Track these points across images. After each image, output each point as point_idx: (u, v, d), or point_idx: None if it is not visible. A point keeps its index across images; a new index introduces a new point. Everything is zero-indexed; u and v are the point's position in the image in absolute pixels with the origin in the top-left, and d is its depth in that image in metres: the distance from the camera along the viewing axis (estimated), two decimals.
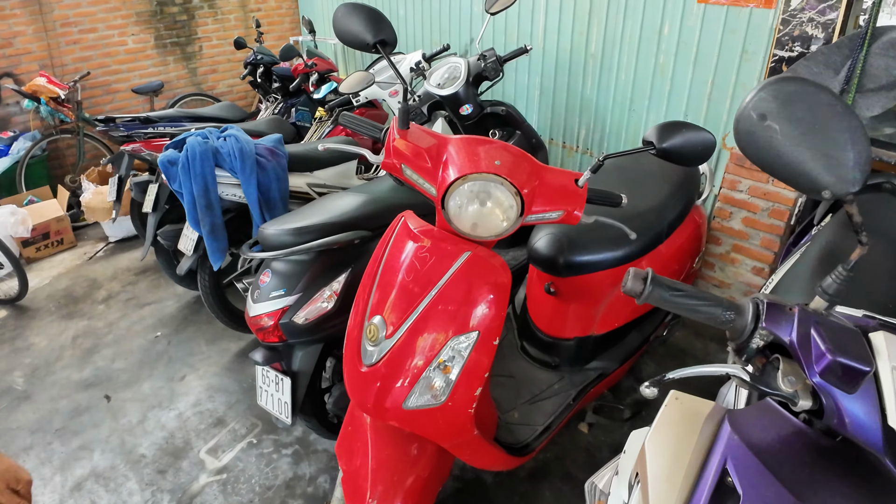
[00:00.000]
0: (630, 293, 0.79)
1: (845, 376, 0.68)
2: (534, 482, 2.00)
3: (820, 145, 0.78)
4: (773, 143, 0.81)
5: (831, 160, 0.78)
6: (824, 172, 0.78)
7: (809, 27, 2.40)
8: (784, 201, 2.48)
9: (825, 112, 0.78)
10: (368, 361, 1.24)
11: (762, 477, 0.72)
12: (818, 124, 0.78)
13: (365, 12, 1.30)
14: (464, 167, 1.15)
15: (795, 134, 0.79)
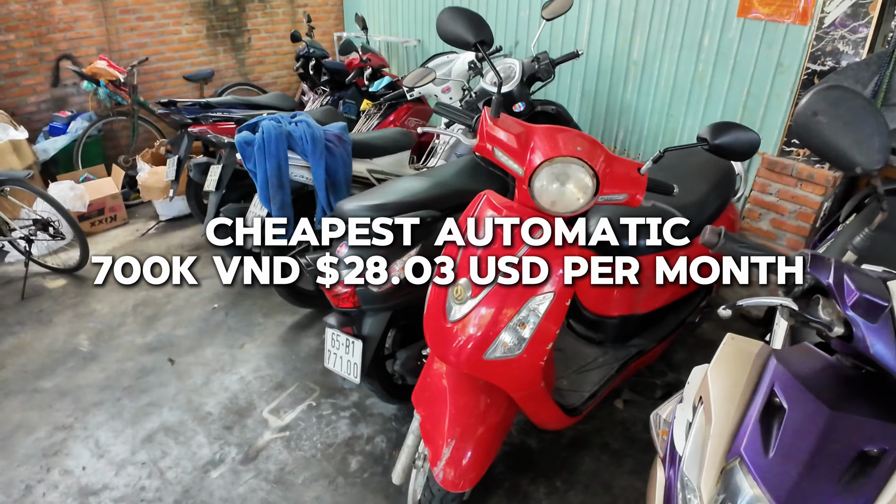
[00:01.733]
0: (707, 244, 1.00)
1: (869, 309, 0.91)
2: (574, 450, 2.18)
3: (854, 135, 1.08)
4: (821, 133, 1.11)
5: (862, 146, 1.08)
6: (857, 154, 1.09)
7: (841, 44, 2.55)
8: (811, 205, 2.65)
9: (860, 112, 1.09)
10: (453, 318, 1.42)
11: (803, 395, 0.93)
12: (854, 120, 1.08)
13: (468, 16, 1.49)
14: (550, 151, 1.34)
15: (838, 126, 1.09)
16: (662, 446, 1.15)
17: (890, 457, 0.91)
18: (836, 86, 1.12)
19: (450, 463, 1.47)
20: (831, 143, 1.09)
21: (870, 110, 1.09)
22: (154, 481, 2.11)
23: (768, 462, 0.93)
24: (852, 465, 0.92)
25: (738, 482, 0.95)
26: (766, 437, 0.96)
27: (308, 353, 2.74)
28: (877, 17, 2.42)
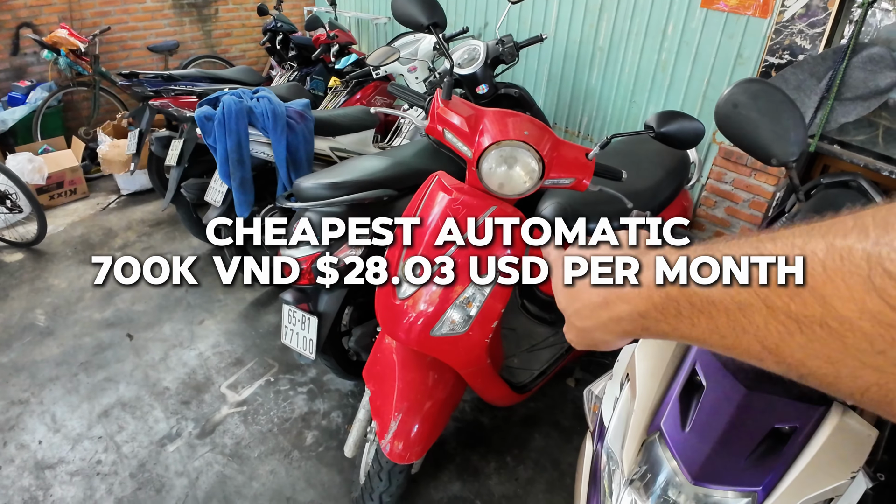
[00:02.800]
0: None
1: None
2: (526, 427, 2.24)
3: (773, 128, 1.12)
4: (741, 124, 1.14)
5: (779, 138, 1.11)
6: (774, 146, 1.12)
7: (799, 38, 2.62)
8: (763, 194, 2.73)
9: (778, 106, 1.12)
10: (402, 295, 1.45)
11: (721, 374, 0.98)
12: (773, 114, 1.12)
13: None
14: (498, 134, 1.37)
15: (757, 118, 1.12)
16: (593, 420, 1.20)
17: (800, 434, 0.97)
18: (756, 79, 1.15)
19: (397, 436, 1.51)
20: (750, 134, 1.13)
21: (788, 105, 1.12)
22: (110, 455, 2.12)
23: (685, 436, 0.99)
24: (764, 441, 0.97)
25: (657, 455, 1.01)
26: (685, 412, 1.01)
27: (267, 329, 2.75)
28: (835, 13, 2.48)
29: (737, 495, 0.94)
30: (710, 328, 0.37)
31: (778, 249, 0.33)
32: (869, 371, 0.28)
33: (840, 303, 0.28)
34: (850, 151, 2.61)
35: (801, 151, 1.12)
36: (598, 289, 0.47)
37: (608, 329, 0.48)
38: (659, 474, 0.99)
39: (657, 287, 0.41)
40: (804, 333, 0.30)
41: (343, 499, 1.98)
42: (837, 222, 0.31)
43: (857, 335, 0.28)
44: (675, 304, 0.39)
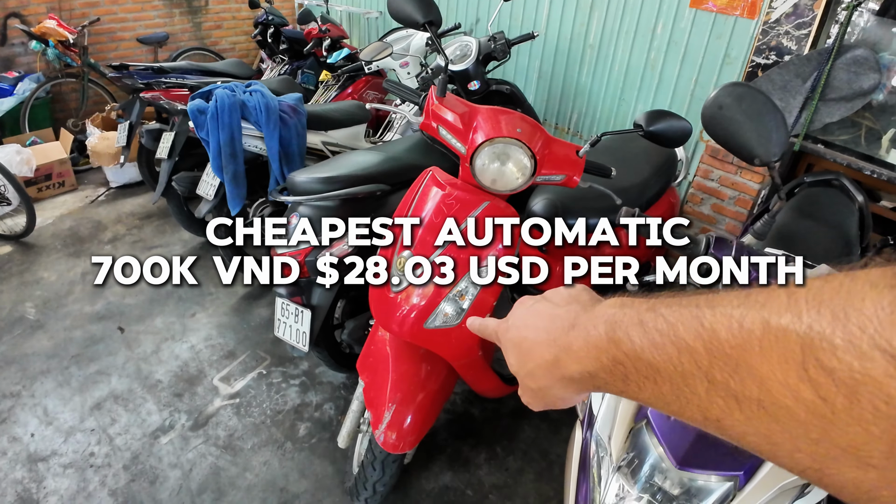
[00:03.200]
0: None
1: None
2: (515, 418, 2.28)
3: (756, 129, 1.16)
4: (726, 125, 1.19)
5: (762, 139, 1.16)
6: (757, 147, 1.16)
7: (785, 39, 2.67)
8: (749, 192, 2.78)
9: (761, 108, 1.17)
10: (397, 288, 1.48)
11: None
12: (756, 116, 1.16)
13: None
14: (491, 131, 1.40)
15: (741, 120, 1.17)
16: (583, 409, 1.24)
17: None
18: (741, 83, 1.19)
19: (390, 426, 1.54)
20: (734, 135, 1.17)
21: (770, 107, 1.16)
22: (103, 447, 2.13)
23: (671, 424, 1.03)
24: None
25: (644, 441, 1.05)
26: None
27: (259, 322, 2.77)
28: (820, 15, 2.53)
29: (719, 479, 0.98)
30: (656, 394, 0.37)
31: (717, 321, 0.32)
32: (803, 456, 0.28)
33: (776, 387, 0.28)
34: (834, 151, 2.67)
35: (782, 152, 1.16)
36: (550, 347, 0.48)
37: (563, 387, 0.48)
38: (646, 460, 1.03)
39: (605, 349, 0.41)
40: (743, 411, 0.31)
41: (336, 489, 2.01)
42: (773, 296, 0.30)
43: (792, 421, 0.28)
44: (623, 367, 0.39)
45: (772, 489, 0.97)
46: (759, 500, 0.97)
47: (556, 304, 0.52)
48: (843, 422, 0.26)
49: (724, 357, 0.31)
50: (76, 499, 1.95)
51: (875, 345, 0.24)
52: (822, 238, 1.90)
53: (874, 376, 0.24)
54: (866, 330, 0.25)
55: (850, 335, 0.25)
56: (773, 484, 0.96)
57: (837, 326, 0.26)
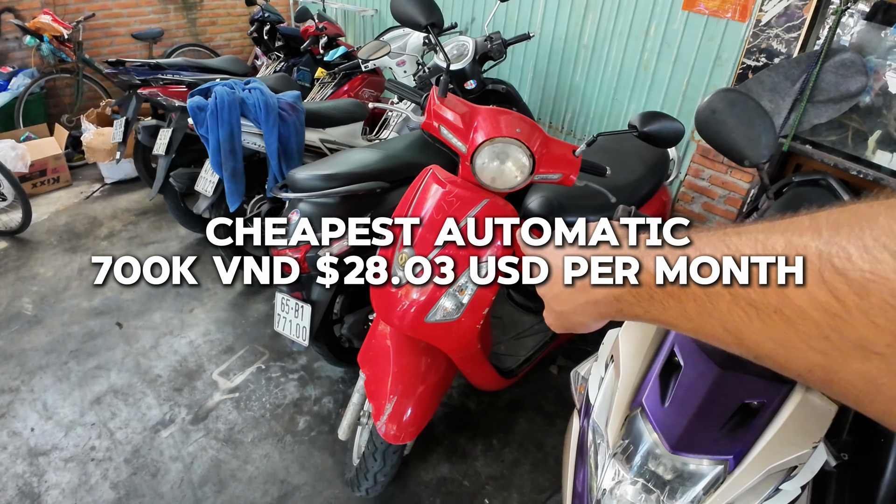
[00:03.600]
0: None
1: None
2: (510, 411, 2.33)
3: (746, 133, 1.22)
4: (718, 129, 1.25)
5: (752, 142, 1.22)
6: (747, 149, 1.23)
7: (775, 42, 2.73)
8: (738, 191, 2.85)
9: (752, 113, 1.23)
10: (398, 283, 1.52)
11: (697, 355, 1.07)
12: (747, 120, 1.22)
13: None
14: (491, 131, 1.44)
15: (732, 124, 1.23)
16: (580, 399, 1.28)
17: (768, 408, 1.07)
18: (733, 89, 1.25)
19: (391, 418, 1.58)
20: (726, 138, 1.23)
21: (760, 112, 1.22)
22: (104, 441, 2.16)
23: (664, 411, 1.08)
24: (735, 414, 1.07)
25: (639, 428, 1.10)
26: (665, 389, 1.10)
27: (257, 317, 2.79)
28: (810, 18, 2.59)
29: (711, 463, 1.04)
30: (679, 312, 0.41)
31: (742, 243, 0.37)
32: (815, 353, 0.32)
33: (794, 293, 0.32)
34: (822, 151, 2.73)
35: (770, 155, 1.21)
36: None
37: (585, 312, 0.52)
38: (641, 446, 1.08)
39: (632, 271, 0.45)
40: (762, 319, 0.34)
41: (336, 480, 2.04)
42: (795, 221, 0.35)
43: (807, 322, 0.31)
44: (649, 289, 0.43)
45: (761, 472, 1.02)
46: (749, 482, 1.02)
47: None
48: (854, 317, 0.29)
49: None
50: (78, 492, 1.98)
51: (886, 248, 0.28)
52: None
53: (883, 275, 0.28)
54: (878, 239, 0.29)
55: (863, 243, 0.29)
56: (762, 467, 1.02)
57: (853, 238, 0.30)
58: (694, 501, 1.04)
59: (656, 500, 1.06)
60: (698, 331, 0.40)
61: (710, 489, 1.04)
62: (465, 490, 2.05)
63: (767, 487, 1.05)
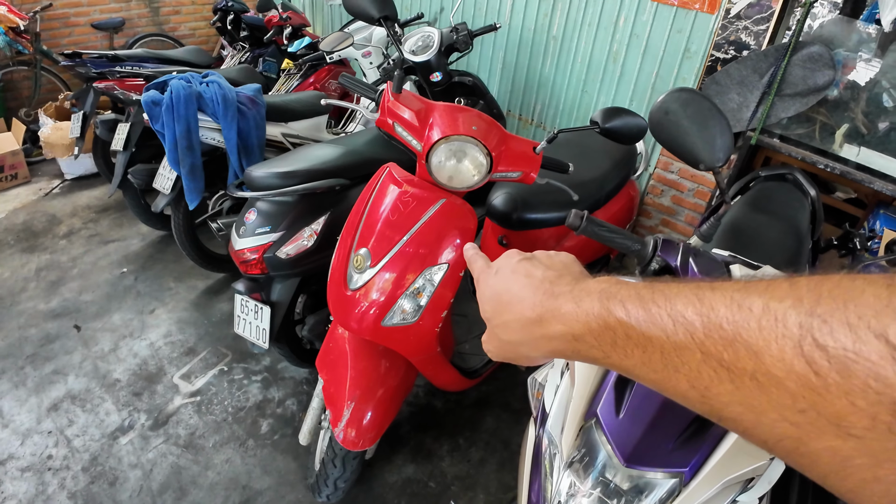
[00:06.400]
0: (571, 226, 1.06)
1: None
2: (478, 409, 2.30)
3: (700, 134, 1.17)
4: (671, 130, 1.20)
5: (707, 144, 1.17)
6: (702, 152, 1.17)
7: (744, 34, 2.71)
8: (707, 184, 2.84)
9: (706, 114, 1.17)
10: (354, 286, 1.47)
11: None
12: (701, 121, 1.16)
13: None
14: (447, 129, 1.39)
15: (686, 126, 1.18)
16: (537, 406, 1.25)
17: None
18: (687, 89, 1.20)
19: (350, 423, 1.54)
20: (679, 139, 1.18)
21: (715, 113, 1.18)
22: (61, 449, 2.09)
23: (619, 422, 1.05)
24: (690, 425, 1.04)
25: (593, 439, 1.07)
26: (620, 400, 1.07)
27: (220, 318, 2.73)
28: (778, 11, 2.58)
29: (665, 476, 1.01)
30: (643, 361, 0.38)
31: (717, 300, 0.34)
32: (786, 424, 0.30)
33: (770, 361, 0.30)
34: (789, 145, 2.73)
35: (726, 158, 1.18)
36: (535, 305, 0.48)
37: (537, 346, 0.48)
38: (596, 457, 1.05)
39: (597, 314, 0.42)
40: (733, 382, 0.33)
41: (299, 484, 2.00)
42: (774, 284, 0.33)
43: (781, 392, 0.30)
44: (612, 333, 0.40)
45: (716, 484, 0.99)
46: (704, 494, 0.99)
47: (548, 266, 0.53)
48: (832, 394, 0.28)
49: (721, 331, 0.33)
50: (35, 502, 1.91)
51: (870, 329, 0.27)
52: (774, 232, 1.95)
53: (867, 356, 0.27)
54: (863, 317, 0.28)
55: (847, 320, 0.28)
56: (718, 479, 0.99)
57: (836, 312, 0.29)
58: None
59: None
60: (661, 383, 0.38)
61: (666, 502, 1.02)
62: (430, 491, 2.02)
63: (724, 500, 1.03)
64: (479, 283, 0.58)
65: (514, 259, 0.56)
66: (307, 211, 1.96)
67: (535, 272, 0.52)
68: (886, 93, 2.58)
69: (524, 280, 0.51)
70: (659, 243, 1.06)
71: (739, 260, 1.06)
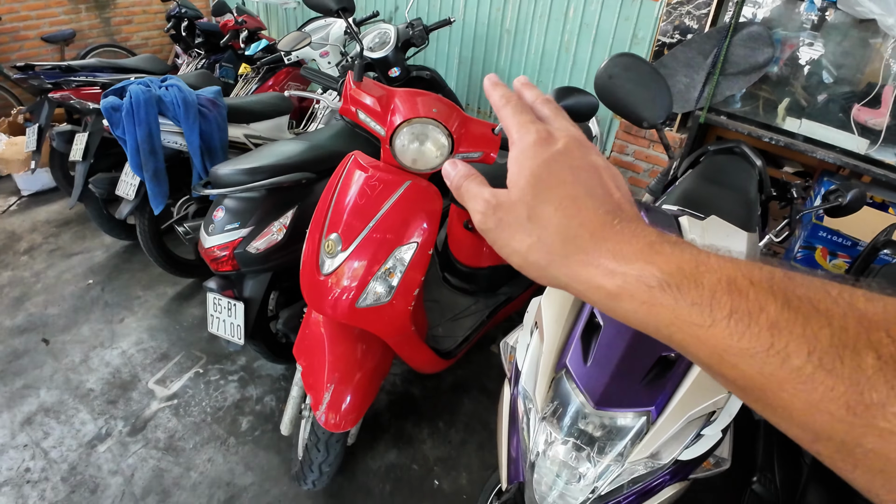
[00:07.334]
0: None
1: None
2: (455, 394, 2.36)
3: (642, 95, 1.26)
4: (616, 93, 1.28)
5: (648, 103, 1.26)
6: (644, 111, 1.26)
7: (687, 18, 2.84)
8: (661, 163, 2.95)
9: (646, 76, 1.26)
10: (326, 271, 1.51)
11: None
12: (642, 83, 1.26)
13: None
14: (409, 113, 1.44)
15: (629, 88, 1.26)
16: (510, 368, 1.32)
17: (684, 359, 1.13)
18: (628, 54, 1.29)
19: (330, 407, 1.57)
20: (623, 101, 1.26)
21: (655, 76, 1.26)
22: (38, 462, 2.06)
23: (587, 370, 1.12)
24: (654, 367, 1.12)
25: (565, 389, 1.13)
26: (587, 350, 1.14)
27: (192, 322, 2.72)
28: None
29: (634, 415, 1.08)
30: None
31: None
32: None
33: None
34: (736, 121, 2.87)
35: (667, 115, 1.26)
36: (618, 231, 0.36)
37: (579, 276, 0.36)
38: (568, 406, 1.11)
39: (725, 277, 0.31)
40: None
41: (283, 478, 2.02)
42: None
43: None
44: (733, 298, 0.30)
45: (681, 419, 1.07)
46: (671, 430, 1.07)
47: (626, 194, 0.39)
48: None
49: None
50: None
51: None
52: (726, 200, 2.05)
53: None
54: None
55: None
56: (682, 414, 1.07)
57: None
58: (622, 453, 1.09)
59: (587, 456, 1.10)
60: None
61: (636, 440, 1.09)
62: (414, 474, 2.06)
63: (689, 433, 1.11)
64: (529, 145, 0.40)
65: (588, 151, 0.40)
66: (275, 206, 1.99)
67: (612, 190, 0.39)
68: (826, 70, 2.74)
69: (601, 190, 0.38)
70: None
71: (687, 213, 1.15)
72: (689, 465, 1.12)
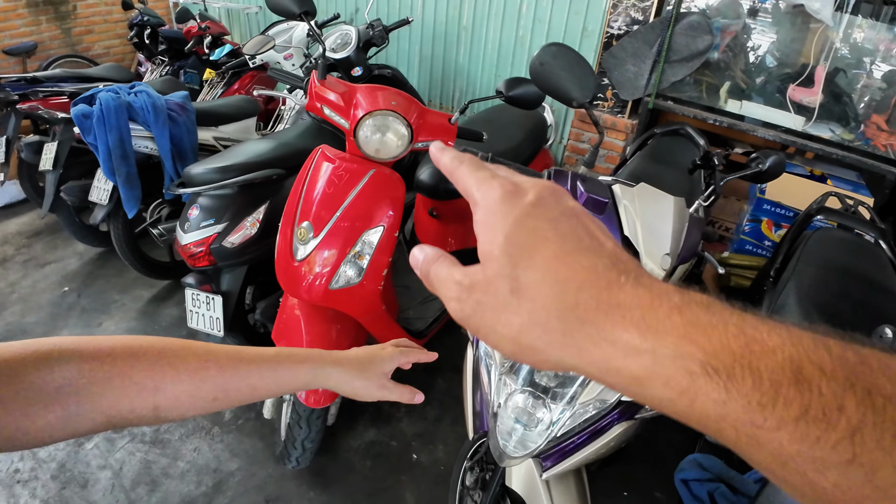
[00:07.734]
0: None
1: (595, 205, 1.22)
2: (429, 374, 2.48)
3: (570, 78, 1.38)
4: (548, 78, 1.41)
5: (576, 85, 1.38)
6: (573, 91, 1.39)
7: (632, 11, 3.00)
8: (616, 149, 3.12)
9: (572, 62, 1.40)
10: (300, 257, 1.62)
11: None
12: (569, 67, 1.39)
13: None
14: (370, 106, 1.56)
15: (559, 72, 1.39)
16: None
17: None
18: (556, 43, 1.42)
19: None
20: (554, 84, 1.39)
21: (580, 60, 1.40)
22: (27, 462, 2.12)
23: None
24: None
25: None
26: None
27: (170, 322, 2.79)
28: None
29: None
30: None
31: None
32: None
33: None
34: (682, 105, 3.05)
35: (593, 94, 1.40)
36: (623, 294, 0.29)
37: (591, 356, 0.29)
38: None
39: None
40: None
41: (268, 461, 2.12)
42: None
43: None
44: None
45: None
46: None
47: (606, 237, 0.32)
48: None
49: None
50: None
51: None
52: (671, 178, 2.22)
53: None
54: None
55: None
56: None
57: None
58: (573, 397, 1.22)
59: (543, 403, 1.23)
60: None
61: (586, 384, 1.22)
62: (393, 450, 2.18)
63: None
64: (495, 203, 0.33)
65: (563, 197, 0.34)
66: (248, 202, 2.08)
67: (601, 238, 0.32)
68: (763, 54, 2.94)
69: (591, 241, 0.31)
70: (552, 173, 1.27)
71: (619, 181, 1.29)
72: (634, 405, 1.26)
